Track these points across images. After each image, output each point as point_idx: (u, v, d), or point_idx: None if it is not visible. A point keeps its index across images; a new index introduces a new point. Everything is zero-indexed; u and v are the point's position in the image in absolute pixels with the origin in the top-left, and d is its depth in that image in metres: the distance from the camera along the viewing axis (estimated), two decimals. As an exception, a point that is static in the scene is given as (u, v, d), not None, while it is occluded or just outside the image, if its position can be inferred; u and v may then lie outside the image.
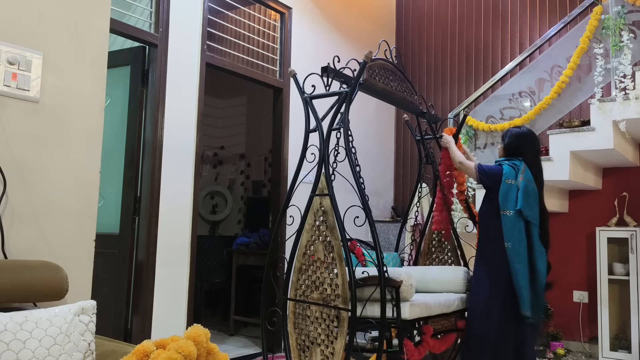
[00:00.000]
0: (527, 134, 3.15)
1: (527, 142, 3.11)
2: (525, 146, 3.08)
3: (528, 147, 3.08)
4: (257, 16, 4.77)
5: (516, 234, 2.87)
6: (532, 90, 4.62)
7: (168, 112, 3.57)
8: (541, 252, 2.90)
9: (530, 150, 3.09)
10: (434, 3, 5.86)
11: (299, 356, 2.46)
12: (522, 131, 3.17)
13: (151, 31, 3.56)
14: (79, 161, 2.06)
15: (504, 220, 2.90)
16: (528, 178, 2.95)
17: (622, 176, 4.61)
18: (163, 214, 3.50)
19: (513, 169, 2.98)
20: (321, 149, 2.56)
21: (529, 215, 2.89)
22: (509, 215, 2.90)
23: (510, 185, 2.93)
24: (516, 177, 2.94)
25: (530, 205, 2.90)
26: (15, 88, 1.88)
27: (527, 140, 3.11)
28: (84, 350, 1.58)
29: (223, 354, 1.52)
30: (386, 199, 5.80)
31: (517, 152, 3.08)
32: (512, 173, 2.96)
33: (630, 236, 4.17)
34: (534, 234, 2.90)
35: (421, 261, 3.60)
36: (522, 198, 2.88)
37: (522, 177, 2.94)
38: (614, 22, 3.96)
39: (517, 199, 2.89)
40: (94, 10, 2.14)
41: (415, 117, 3.51)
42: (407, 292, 2.52)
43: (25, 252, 1.88)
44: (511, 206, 2.90)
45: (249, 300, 5.79)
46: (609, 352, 4.15)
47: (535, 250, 2.89)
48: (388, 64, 3.01)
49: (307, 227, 2.51)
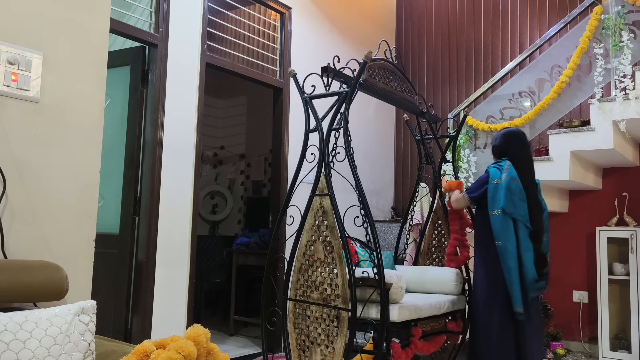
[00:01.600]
0: (510, 133, 3.20)
1: (511, 140, 3.16)
2: (509, 145, 3.14)
3: (512, 146, 3.13)
4: (257, 16, 4.77)
5: (505, 232, 2.91)
6: (532, 90, 4.62)
7: (168, 112, 3.57)
8: (527, 247, 2.93)
9: (515, 148, 3.13)
10: (434, 3, 5.86)
11: (299, 356, 2.46)
12: (507, 131, 3.23)
13: (151, 31, 3.56)
14: (79, 161, 2.06)
15: (493, 220, 2.96)
16: (511, 176, 2.99)
17: (622, 176, 4.61)
18: (163, 214, 3.50)
19: (498, 170, 3.03)
20: (321, 149, 2.56)
21: (514, 213, 2.92)
22: (497, 215, 2.94)
23: (496, 185, 2.98)
24: (500, 176, 2.99)
25: (514, 203, 2.94)
26: (15, 88, 1.88)
27: (510, 139, 3.16)
28: (84, 350, 1.58)
29: (223, 354, 1.52)
30: (386, 199, 5.80)
31: (503, 153, 3.15)
32: (497, 173, 3.01)
33: (630, 236, 4.17)
34: (520, 231, 2.93)
35: (421, 261, 3.61)
36: (504, 196, 2.93)
37: (505, 175, 2.98)
38: (614, 22, 3.96)
39: (503, 198, 2.94)
40: (94, 10, 2.14)
41: (415, 117, 3.51)
42: (396, 295, 2.52)
43: (25, 252, 1.88)
44: (498, 205, 2.95)
45: (249, 300, 5.79)
46: (609, 352, 4.15)
47: (522, 245, 2.92)
48: (388, 64, 3.01)
49: (307, 227, 2.51)
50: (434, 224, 3.62)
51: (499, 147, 3.19)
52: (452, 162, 3.65)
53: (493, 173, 3.03)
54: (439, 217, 3.60)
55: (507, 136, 3.18)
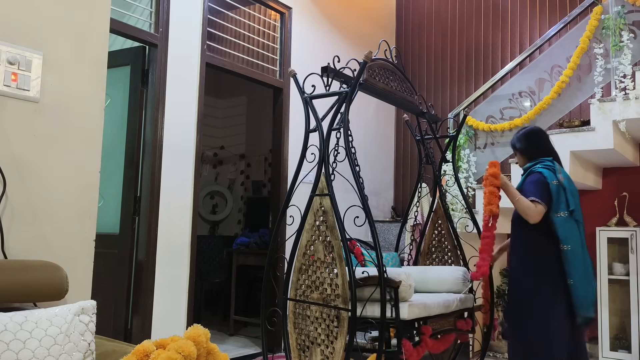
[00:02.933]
0: (538, 131, 3.03)
1: (541, 137, 3.00)
2: (542, 142, 2.97)
3: (545, 143, 2.98)
4: (257, 16, 4.77)
5: (573, 235, 2.75)
6: (532, 90, 4.62)
7: (168, 112, 3.57)
8: (586, 250, 2.83)
9: (548, 145, 2.98)
10: (434, 3, 5.86)
11: (299, 356, 2.46)
12: (530, 130, 3.04)
13: (151, 31, 3.56)
14: (79, 161, 2.06)
15: (558, 222, 2.74)
16: (566, 176, 2.84)
17: (622, 176, 4.61)
18: (163, 214, 3.50)
19: (548, 169, 2.82)
20: (321, 149, 2.55)
21: (578, 214, 2.78)
22: (563, 217, 2.74)
23: (557, 186, 2.77)
24: (556, 176, 2.79)
25: (577, 205, 2.79)
26: (15, 88, 1.88)
27: (540, 136, 3.00)
28: (84, 350, 1.58)
29: (223, 354, 1.52)
30: (386, 199, 5.80)
31: (539, 152, 2.95)
32: (551, 174, 2.80)
33: (630, 236, 4.17)
34: (582, 233, 2.80)
35: (421, 261, 3.60)
36: (571, 198, 2.76)
37: (562, 175, 2.81)
38: (614, 22, 3.96)
39: (567, 200, 2.76)
40: (94, 10, 2.14)
41: (415, 117, 3.51)
42: (406, 292, 2.52)
43: (25, 252, 1.88)
44: (563, 207, 2.75)
45: (249, 300, 5.79)
46: (609, 352, 4.15)
47: (584, 248, 2.79)
48: (388, 64, 3.00)
49: (307, 227, 2.51)
50: (434, 224, 3.62)
51: (532, 146, 2.95)
52: (452, 162, 3.65)
53: (547, 174, 2.78)
54: (439, 217, 3.59)
55: (534, 134, 2.99)
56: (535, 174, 2.86)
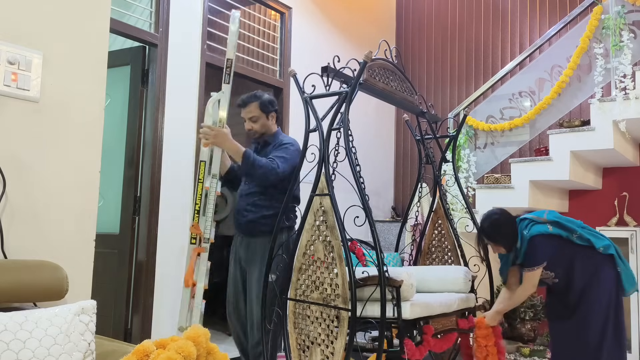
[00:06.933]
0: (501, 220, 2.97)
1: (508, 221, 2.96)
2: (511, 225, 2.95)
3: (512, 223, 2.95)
4: (257, 16, 4.77)
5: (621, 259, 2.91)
6: (532, 90, 4.62)
7: (168, 112, 3.57)
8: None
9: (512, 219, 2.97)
10: (434, 3, 5.86)
11: (299, 356, 2.46)
12: (496, 222, 2.96)
13: (151, 31, 3.56)
14: (79, 161, 2.06)
15: (579, 240, 2.90)
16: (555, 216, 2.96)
17: (622, 176, 4.60)
18: (163, 214, 3.50)
19: (536, 224, 2.90)
20: (321, 149, 2.55)
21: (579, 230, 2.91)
22: (577, 234, 2.90)
23: (552, 230, 2.88)
24: (545, 225, 2.90)
25: (571, 221, 2.94)
26: (15, 88, 1.88)
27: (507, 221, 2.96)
28: (84, 350, 1.58)
29: (223, 354, 1.52)
30: (386, 199, 5.80)
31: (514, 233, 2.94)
32: (541, 227, 2.88)
33: (630, 236, 4.17)
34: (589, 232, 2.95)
35: (421, 261, 3.61)
36: (568, 224, 2.90)
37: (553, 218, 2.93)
38: (614, 22, 3.96)
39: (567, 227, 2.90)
40: (94, 10, 2.14)
41: (415, 117, 3.51)
42: (407, 292, 2.52)
43: (25, 252, 1.88)
44: (575, 227, 2.90)
45: (249, 300, 5.78)
46: (609, 352, 4.14)
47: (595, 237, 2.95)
48: (388, 64, 3.00)
49: (307, 227, 2.51)
50: (434, 223, 3.62)
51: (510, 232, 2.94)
52: (452, 162, 3.65)
53: (541, 229, 2.87)
54: (439, 217, 3.59)
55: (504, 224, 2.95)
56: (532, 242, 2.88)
